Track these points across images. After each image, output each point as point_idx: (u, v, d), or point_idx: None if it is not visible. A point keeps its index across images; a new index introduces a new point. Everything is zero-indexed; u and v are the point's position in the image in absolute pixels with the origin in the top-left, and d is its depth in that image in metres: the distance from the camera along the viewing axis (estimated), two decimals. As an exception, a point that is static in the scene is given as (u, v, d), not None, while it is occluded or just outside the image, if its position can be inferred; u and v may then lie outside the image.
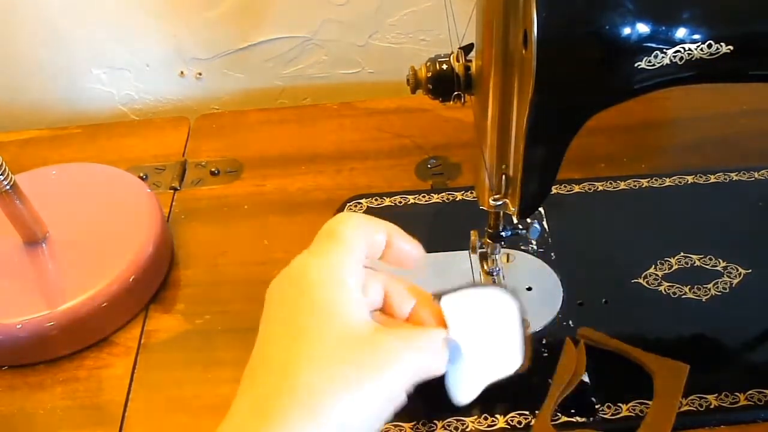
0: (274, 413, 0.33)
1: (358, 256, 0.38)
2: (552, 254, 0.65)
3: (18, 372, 0.62)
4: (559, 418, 0.54)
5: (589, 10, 0.39)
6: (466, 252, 0.64)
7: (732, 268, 0.62)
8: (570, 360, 0.55)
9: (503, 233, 0.57)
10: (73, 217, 0.68)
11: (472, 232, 0.61)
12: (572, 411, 0.54)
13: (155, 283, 0.66)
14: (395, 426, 0.54)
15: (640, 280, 0.62)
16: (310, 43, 0.87)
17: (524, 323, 0.42)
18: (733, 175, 0.71)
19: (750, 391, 0.54)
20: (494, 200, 0.49)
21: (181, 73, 0.89)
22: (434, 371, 0.39)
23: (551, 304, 0.61)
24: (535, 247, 0.66)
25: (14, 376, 0.61)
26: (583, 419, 0.53)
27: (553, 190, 0.70)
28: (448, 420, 0.54)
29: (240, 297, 0.65)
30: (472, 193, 0.71)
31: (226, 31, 0.86)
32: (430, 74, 0.49)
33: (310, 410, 0.33)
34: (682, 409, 0.53)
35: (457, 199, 0.71)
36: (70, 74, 0.88)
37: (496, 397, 0.54)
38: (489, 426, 0.54)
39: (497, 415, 0.54)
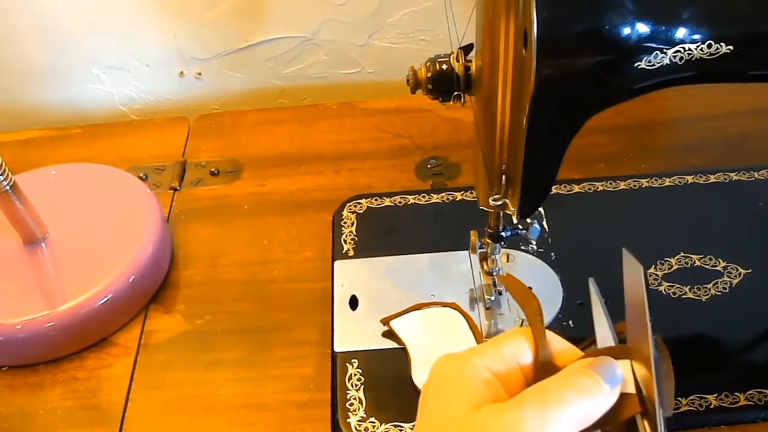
0: None
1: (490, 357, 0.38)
2: (552, 254, 0.65)
3: (18, 372, 0.62)
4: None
5: (589, 10, 0.39)
6: (466, 252, 0.64)
7: (732, 268, 0.62)
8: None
9: (503, 233, 0.57)
10: (73, 217, 0.68)
11: (472, 232, 0.61)
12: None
13: (155, 283, 0.66)
14: (395, 426, 0.54)
15: (640, 280, 0.62)
16: (310, 43, 0.87)
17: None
18: (733, 175, 0.71)
19: (750, 391, 0.54)
20: (494, 200, 0.49)
21: (181, 73, 0.89)
22: (595, 413, 0.35)
23: (551, 304, 0.61)
24: (535, 247, 0.66)
25: (14, 376, 0.61)
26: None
27: (553, 190, 0.70)
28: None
29: (240, 297, 0.65)
30: (472, 193, 0.71)
31: (226, 31, 0.86)
32: (430, 74, 0.49)
33: None
34: (681, 410, 0.53)
35: (457, 199, 0.71)
36: (70, 74, 0.88)
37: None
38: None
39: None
